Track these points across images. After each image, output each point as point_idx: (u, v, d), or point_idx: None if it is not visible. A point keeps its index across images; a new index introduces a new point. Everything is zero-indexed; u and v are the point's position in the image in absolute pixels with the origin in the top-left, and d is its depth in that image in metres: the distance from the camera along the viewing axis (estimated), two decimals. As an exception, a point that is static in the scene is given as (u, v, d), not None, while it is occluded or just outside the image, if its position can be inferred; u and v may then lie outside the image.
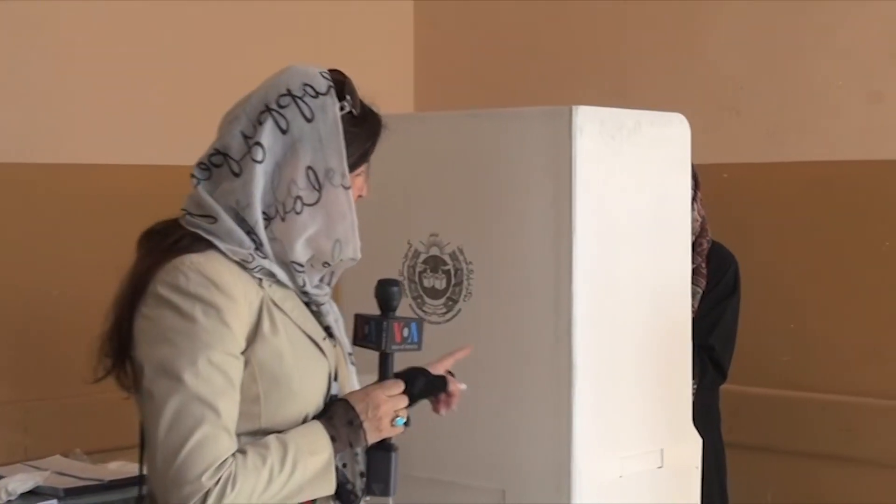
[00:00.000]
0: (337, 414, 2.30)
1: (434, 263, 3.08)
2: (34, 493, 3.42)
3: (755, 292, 4.32)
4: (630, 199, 3.02)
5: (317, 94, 2.33)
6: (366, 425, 2.30)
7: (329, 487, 2.27)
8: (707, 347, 3.78)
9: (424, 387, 2.46)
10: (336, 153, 2.32)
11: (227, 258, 2.26)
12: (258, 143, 2.29)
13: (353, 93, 2.37)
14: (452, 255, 3.05)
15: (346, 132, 2.33)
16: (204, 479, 2.15)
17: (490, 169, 3.00)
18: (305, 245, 2.32)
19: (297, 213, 2.30)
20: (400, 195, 3.15)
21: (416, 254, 3.11)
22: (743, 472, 4.29)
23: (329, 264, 2.37)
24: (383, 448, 2.35)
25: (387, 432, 2.34)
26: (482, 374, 3.01)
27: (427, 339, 3.07)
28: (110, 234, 3.27)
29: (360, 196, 2.43)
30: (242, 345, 2.23)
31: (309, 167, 2.30)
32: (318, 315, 2.39)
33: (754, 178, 4.40)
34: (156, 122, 4.37)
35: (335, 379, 2.36)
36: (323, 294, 2.40)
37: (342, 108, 2.33)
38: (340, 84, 2.37)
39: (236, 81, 2.55)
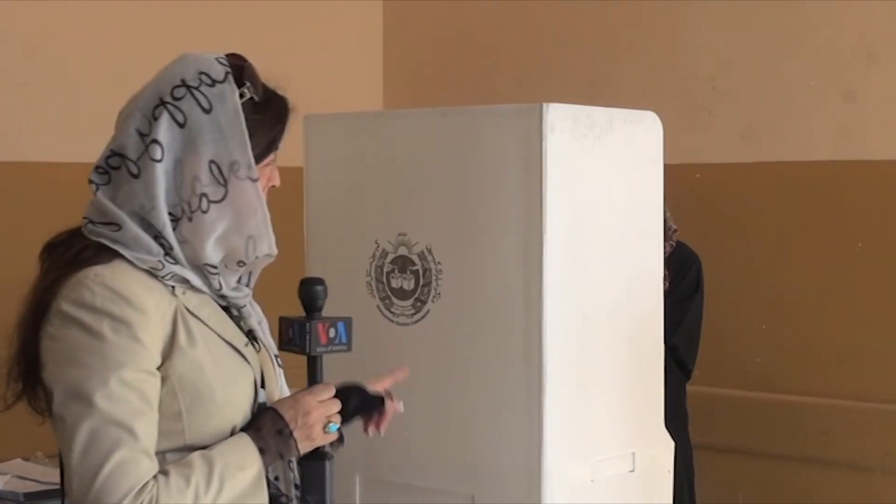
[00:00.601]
0: (265, 424, 2.17)
1: (402, 263, 3.02)
2: (-6, 496, 3.38)
3: (728, 293, 4.30)
4: (602, 198, 2.97)
5: (213, 83, 2.16)
6: (296, 434, 2.18)
7: (261, 501, 2.15)
8: (670, 347, 3.73)
9: (359, 404, 2.34)
10: (239, 144, 2.15)
11: (135, 267, 2.13)
12: (155, 141, 2.14)
13: (253, 77, 2.20)
14: (421, 255, 2.99)
15: (248, 120, 2.16)
16: None
17: (460, 167, 2.94)
18: (216, 245, 2.17)
19: (204, 212, 2.15)
20: (367, 194, 3.09)
21: (384, 254, 3.05)
22: (716, 474, 4.26)
23: (244, 263, 2.21)
24: (317, 457, 2.24)
25: (319, 440, 2.20)
26: (451, 376, 2.97)
27: (395, 342, 3.04)
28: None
29: (272, 186, 2.26)
30: (158, 360, 2.11)
31: (212, 161, 2.15)
32: (239, 319, 2.27)
33: (728, 179, 4.37)
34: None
35: (262, 386, 2.25)
36: (242, 296, 2.26)
37: (242, 96, 2.16)
38: (239, 69, 2.20)
39: None
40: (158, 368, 2.11)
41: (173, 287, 2.16)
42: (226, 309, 2.24)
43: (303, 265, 3.20)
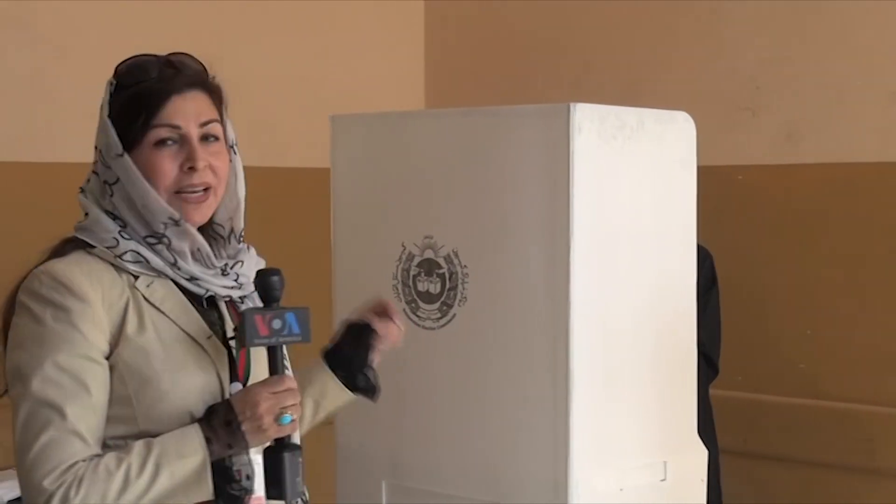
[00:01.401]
0: (216, 415, 2.20)
1: (428, 267, 2.97)
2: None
3: (771, 297, 4.22)
4: (631, 200, 2.90)
5: (109, 83, 2.33)
6: (245, 426, 2.19)
7: (205, 493, 2.18)
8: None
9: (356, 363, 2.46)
10: (104, 127, 2.29)
11: (94, 258, 2.25)
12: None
13: (128, 68, 2.32)
14: (447, 259, 2.94)
15: (117, 102, 2.29)
16: (46, 483, 2.12)
17: (486, 169, 2.89)
18: (136, 220, 2.28)
19: (111, 196, 2.28)
20: (393, 195, 3.05)
21: (411, 256, 3.00)
22: (757, 481, 4.18)
23: (158, 233, 2.28)
24: (278, 449, 2.23)
25: (273, 432, 2.20)
26: (476, 381, 2.92)
27: (421, 346, 2.99)
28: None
29: (190, 168, 2.28)
30: (102, 348, 2.20)
31: (97, 148, 2.30)
32: (209, 313, 2.32)
33: (770, 181, 4.28)
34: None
35: (238, 380, 2.28)
36: (222, 285, 2.32)
37: (110, 85, 2.31)
38: (122, 65, 2.34)
39: (246, 79, 2.52)
40: (108, 357, 2.20)
41: (136, 277, 2.25)
42: (195, 300, 2.30)
43: (329, 267, 3.17)
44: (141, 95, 2.28)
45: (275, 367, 2.26)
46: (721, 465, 3.92)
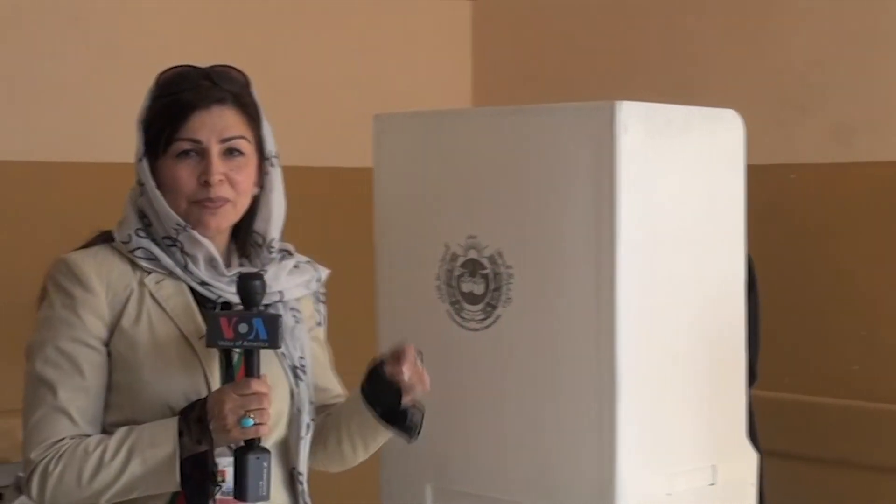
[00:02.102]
0: (194, 411, 2.30)
1: (472, 267, 2.93)
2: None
3: (824, 297, 4.15)
4: (678, 200, 2.85)
5: (150, 90, 2.48)
6: (212, 425, 2.27)
7: (172, 483, 2.28)
8: None
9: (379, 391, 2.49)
10: (138, 132, 2.43)
11: (113, 251, 2.41)
12: None
13: (164, 78, 2.45)
14: (491, 259, 2.90)
15: (149, 111, 2.43)
16: (32, 455, 2.30)
17: (530, 168, 2.85)
18: (157, 221, 2.41)
19: (141, 196, 2.43)
20: (437, 195, 3.01)
21: (454, 257, 2.96)
22: (807, 484, 4.12)
23: (171, 237, 2.41)
24: (244, 451, 2.29)
25: (236, 433, 2.28)
26: (521, 383, 2.88)
27: (465, 347, 2.95)
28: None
29: (206, 181, 2.39)
30: (101, 335, 2.35)
31: (136, 153, 2.44)
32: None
33: (823, 180, 4.21)
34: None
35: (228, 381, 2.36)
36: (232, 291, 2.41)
37: (150, 92, 2.46)
38: (161, 74, 2.47)
39: (290, 78, 2.55)
40: (107, 344, 2.36)
41: (148, 272, 2.39)
42: (207, 304, 2.41)
43: (372, 268, 3.13)
44: (170, 107, 2.40)
45: (249, 369, 2.32)
46: (764, 467, 3.85)
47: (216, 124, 2.40)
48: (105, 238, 2.47)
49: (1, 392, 3.98)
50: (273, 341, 2.30)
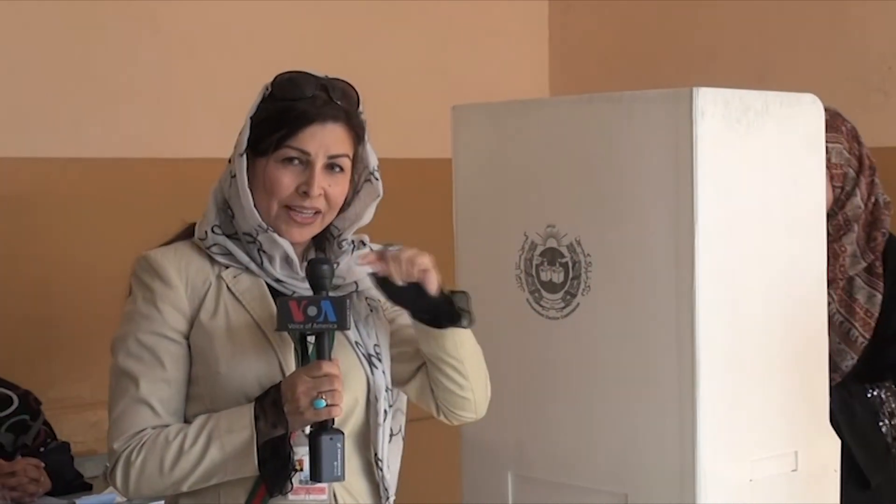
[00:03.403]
0: (269, 395, 2.34)
1: (551, 256, 2.94)
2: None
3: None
4: (757, 186, 2.83)
5: (265, 88, 2.48)
6: (286, 407, 2.32)
7: (250, 468, 2.32)
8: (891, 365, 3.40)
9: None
10: (244, 127, 2.45)
11: (192, 247, 2.47)
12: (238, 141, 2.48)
13: (285, 82, 2.46)
14: (570, 248, 2.91)
15: (264, 111, 2.44)
16: (116, 445, 2.35)
17: (608, 156, 2.85)
18: (241, 216, 2.44)
19: (230, 188, 2.47)
20: (515, 184, 3.02)
21: (533, 246, 2.97)
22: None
23: (251, 235, 2.45)
24: (318, 433, 2.33)
25: (310, 415, 2.31)
26: (602, 371, 2.89)
27: (545, 336, 2.96)
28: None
29: (305, 192, 2.44)
30: (181, 328, 2.41)
31: (235, 145, 2.46)
32: None
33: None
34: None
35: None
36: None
37: (265, 90, 2.46)
38: (282, 76, 2.48)
39: (370, 71, 2.58)
40: (187, 337, 2.42)
41: (226, 266, 2.45)
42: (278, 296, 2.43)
43: (452, 258, 3.15)
44: (286, 113, 2.43)
45: (320, 352, 2.35)
46: None
47: (326, 139, 2.43)
48: (188, 232, 2.53)
49: (87, 385, 4.08)
50: (342, 323, 2.33)
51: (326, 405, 2.30)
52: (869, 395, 3.38)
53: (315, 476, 2.33)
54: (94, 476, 3.87)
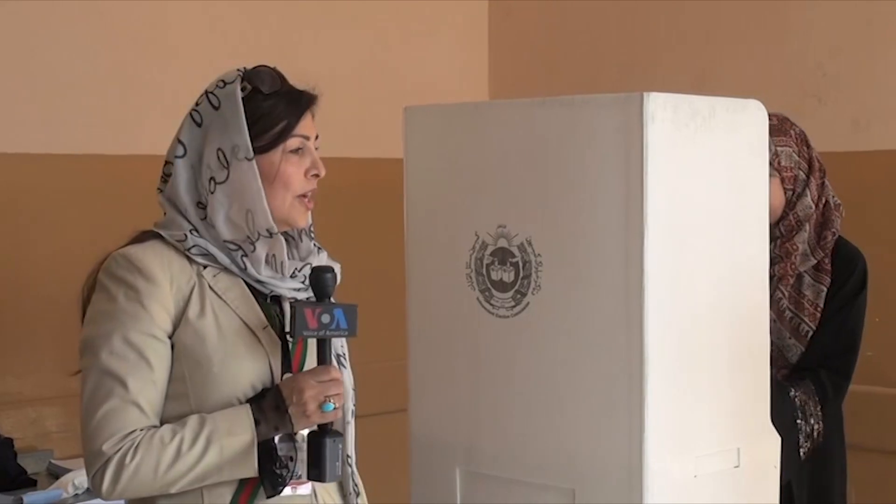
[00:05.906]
0: (267, 398, 2.36)
1: (502, 255, 2.99)
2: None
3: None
4: (705, 189, 2.90)
5: (225, 85, 2.45)
6: (291, 410, 2.35)
7: (250, 470, 2.34)
8: (831, 355, 3.53)
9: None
10: (237, 129, 2.41)
11: (168, 247, 2.44)
12: (178, 140, 2.46)
13: (263, 76, 2.46)
14: (521, 247, 2.96)
15: (257, 108, 2.43)
16: (105, 447, 2.30)
17: (559, 158, 2.90)
18: (227, 223, 2.43)
19: (212, 193, 2.42)
20: (466, 185, 3.06)
21: (484, 245, 3.02)
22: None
23: (252, 239, 2.44)
24: (321, 434, 2.38)
25: (316, 418, 2.37)
26: (551, 369, 2.93)
27: (495, 334, 3.01)
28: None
29: (314, 175, 2.49)
30: (167, 327, 2.38)
31: (218, 148, 2.42)
32: (271, 306, 2.49)
33: (838, 168, 4.25)
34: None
35: (292, 371, 2.43)
36: (286, 286, 2.49)
37: (244, 89, 2.43)
38: (255, 72, 2.48)
39: (319, 72, 2.61)
40: (171, 336, 2.39)
41: (204, 266, 2.44)
42: (260, 295, 2.47)
43: (402, 257, 3.19)
44: (289, 104, 2.46)
45: (323, 358, 2.42)
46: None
47: (311, 123, 2.52)
48: (153, 235, 2.50)
49: (28, 381, 4.07)
50: (353, 330, 2.42)
51: (334, 408, 2.37)
52: (791, 394, 3.47)
53: (319, 476, 2.40)
54: (37, 472, 3.86)
